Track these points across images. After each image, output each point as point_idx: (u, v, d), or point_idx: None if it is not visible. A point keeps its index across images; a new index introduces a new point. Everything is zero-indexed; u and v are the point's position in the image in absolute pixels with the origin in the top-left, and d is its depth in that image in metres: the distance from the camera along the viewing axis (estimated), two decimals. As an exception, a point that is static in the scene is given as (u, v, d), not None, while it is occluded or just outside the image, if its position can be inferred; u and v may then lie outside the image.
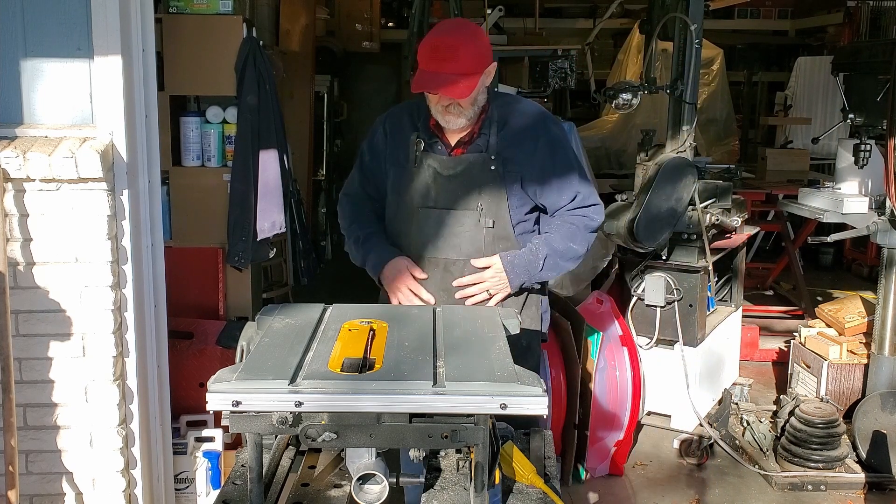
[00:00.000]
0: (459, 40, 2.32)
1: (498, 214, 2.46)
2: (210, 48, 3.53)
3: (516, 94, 2.84)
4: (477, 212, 2.45)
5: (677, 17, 4.30)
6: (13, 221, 2.65)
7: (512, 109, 2.51)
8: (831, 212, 4.73)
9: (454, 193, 2.46)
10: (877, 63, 4.29)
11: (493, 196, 2.45)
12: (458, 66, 2.29)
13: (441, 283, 2.51)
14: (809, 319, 5.20)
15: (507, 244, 2.50)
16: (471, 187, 2.45)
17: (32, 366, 2.72)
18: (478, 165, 2.44)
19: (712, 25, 7.84)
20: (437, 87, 2.31)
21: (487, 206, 2.45)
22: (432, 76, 2.30)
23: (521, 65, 6.71)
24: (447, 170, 2.46)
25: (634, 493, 3.84)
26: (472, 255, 2.48)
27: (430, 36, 2.37)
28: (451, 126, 2.42)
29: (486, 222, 2.45)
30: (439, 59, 2.29)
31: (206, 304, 3.71)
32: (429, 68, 2.31)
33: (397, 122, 2.56)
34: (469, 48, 2.32)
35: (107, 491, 2.83)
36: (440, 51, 2.30)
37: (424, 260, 2.51)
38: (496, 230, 2.47)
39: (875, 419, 4.00)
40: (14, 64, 2.70)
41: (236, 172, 3.55)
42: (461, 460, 1.76)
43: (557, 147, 2.50)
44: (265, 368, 1.59)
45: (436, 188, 2.47)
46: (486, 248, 2.48)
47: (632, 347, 4.07)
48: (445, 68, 2.29)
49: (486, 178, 2.44)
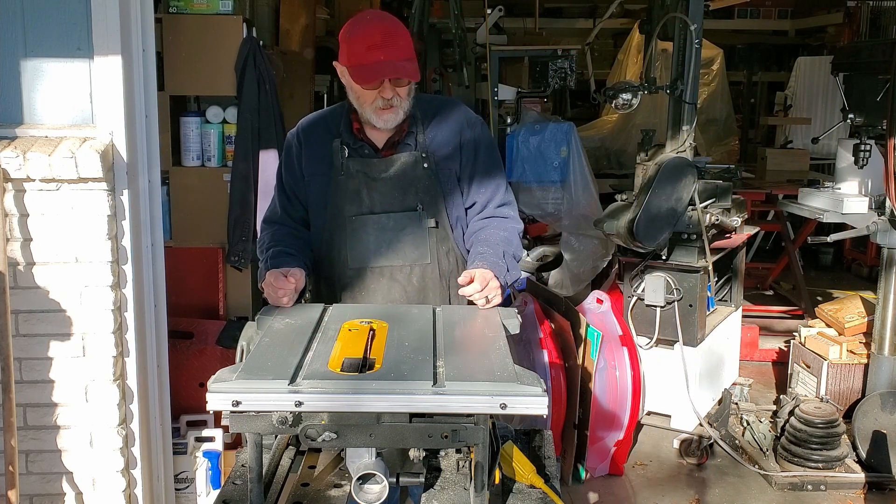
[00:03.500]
0: (396, 26, 2.23)
1: (438, 214, 2.36)
2: (210, 48, 3.53)
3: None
4: (418, 212, 2.34)
5: (677, 17, 4.30)
6: (13, 221, 2.65)
7: (433, 107, 2.43)
8: (831, 212, 4.73)
9: (390, 196, 2.34)
10: (877, 63, 4.29)
11: (431, 195, 2.35)
12: (402, 51, 2.20)
13: (388, 294, 2.36)
14: (809, 319, 5.20)
15: (448, 245, 2.40)
16: (407, 187, 2.34)
17: (32, 366, 2.72)
18: (411, 164, 2.34)
19: (712, 25, 7.86)
20: (395, 72, 2.19)
21: (427, 205, 2.34)
22: (386, 64, 2.18)
23: (521, 65, 6.72)
24: (379, 172, 2.34)
25: (634, 493, 3.84)
26: (416, 259, 2.35)
27: (361, 28, 2.22)
28: (389, 124, 2.30)
29: (429, 222, 2.34)
30: (383, 46, 2.17)
31: (206, 304, 3.71)
32: (380, 57, 2.17)
33: (311, 133, 2.43)
34: (404, 33, 2.24)
35: (107, 491, 2.83)
36: (382, 38, 2.18)
37: (366, 271, 2.36)
38: (439, 230, 2.37)
39: (875, 419, 4.00)
40: (14, 64, 2.70)
41: (236, 172, 3.55)
42: (461, 460, 1.76)
43: (481, 144, 2.42)
44: (265, 368, 1.59)
45: (369, 193, 2.34)
46: (431, 250, 2.36)
47: (632, 347, 4.07)
48: (392, 55, 2.18)
49: (422, 176, 2.34)
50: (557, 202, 5.20)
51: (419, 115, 2.38)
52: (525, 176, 5.20)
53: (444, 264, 2.39)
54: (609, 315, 4.18)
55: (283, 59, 4.72)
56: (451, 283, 2.40)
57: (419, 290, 2.38)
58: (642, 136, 4.50)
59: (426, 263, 2.36)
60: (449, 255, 2.41)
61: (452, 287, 2.41)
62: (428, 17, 6.08)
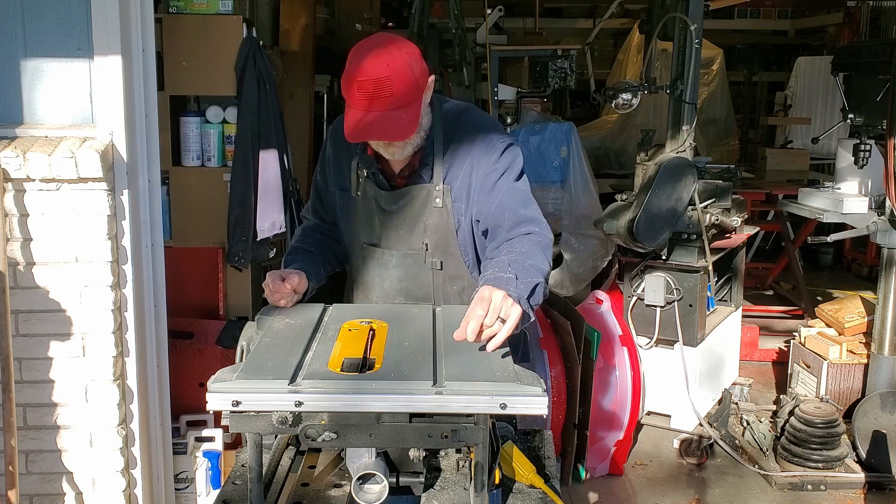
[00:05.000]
0: (389, 69, 1.90)
1: (447, 253, 2.16)
2: (210, 48, 3.53)
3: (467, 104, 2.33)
4: (422, 252, 2.15)
5: (677, 17, 4.30)
6: (13, 221, 2.65)
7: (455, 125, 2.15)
8: (831, 212, 4.73)
9: (396, 231, 2.17)
10: (877, 63, 4.30)
11: (440, 233, 2.14)
12: (395, 100, 1.91)
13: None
14: (809, 319, 5.21)
15: (461, 284, 2.19)
16: (414, 224, 2.14)
17: (32, 366, 2.72)
18: (420, 199, 2.13)
19: (712, 25, 7.86)
20: (377, 134, 1.98)
21: (434, 244, 2.15)
22: (368, 125, 1.93)
23: (521, 65, 6.72)
24: (388, 204, 2.15)
25: (634, 493, 3.84)
26: (421, 299, 2.17)
27: (353, 67, 1.92)
28: (397, 157, 2.10)
29: (434, 263, 2.15)
30: (370, 97, 1.90)
31: (206, 304, 3.71)
32: (360, 109, 1.92)
33: (340, 141, 2.11)
34: (402, 76, 1.92)
35: (107, 491, 2.83)
36: (369, 88, 1.89)
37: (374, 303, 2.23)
38: (445, 271, 2.18)
39: (875, 419, 4.00)
40: (14, 64, 2.70)
41: (236, 172, 3.55)
42: (461, 460, 1.76)
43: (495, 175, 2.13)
44: (265, 368, 1.59)
45: (379, 224, 2.18)
46: (437, 290, 2.18)
47: (632, 347, 4.07)
48: (380, 107, 1.91)
49: (432, 213, 2.13)
50: (557, 202, 5.20)
51: (441, 135, 2.13)
52: (525, 176, 5.20)
53: (455, 303, 2.17)
54: (609, 315, 4.18)
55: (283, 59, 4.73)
56: None
57: None
58: (642, 136, 4.50)
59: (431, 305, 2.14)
60: (463, 294, 2.20)
61: None
62: (428, 17, 6.07)
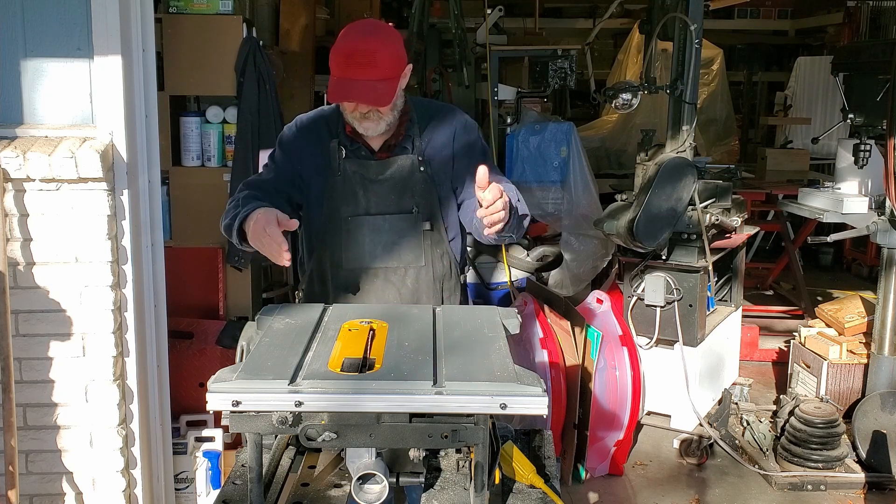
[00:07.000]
0: (376, 44, 2.18)
1: (433, 217, 2.38)
2: (210, 48, 3.54)
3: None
4: (413, 215, 2.36)
5: (677, 17, 4.30)
6: (13, 221, 2.65)
7: (430, 112, 2.44)
8: (831, 212, 4.73)
9: (386, 198, 2.36)
10: (877, 63, 4.30)
11: (426, 198, 2.37)
12: (377, 71, 2.16)
13: (381, 295, 2.38)
14: (809, 319, 5.21)
15: (442, 248, 2.42)
16: (404, 190, 2.36)
17: (32, 366, 2.72)
18: (407, 167, 2.35)
19: (712, 25, 7.87)
20: (356, 97, 2.19)
21: (422, 208, 2.36)
22: (350, 84, 2.17)
23: (521, 65, 6.73)
24: (376, 174, 2.35)
25: (634, 493, 3.84)
26: (411, 262, 2.38)
27: (344, 40, 2.20)
28: (370, 133, 2.32)
29: (424, 225, 2.36)
30: (356, 65, 2.15)
31: (206, 304, 3.71)
32: (345, 75, 2.17)
33: (312, 129, 2.43)
34: (386, 52, 2.19)
35: (107, 491, 2.83)
36: (356, 56, 2.15)
37: (360, 272, 2.38)
38: (433, 233, 2.39)
39: (875, 419, 4.00)
40: (14, 64, 2.71)
41: (236, 172, 3.55)
42: (461, 460, 1.76)
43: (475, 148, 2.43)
44: (265, 368, 1.59)
45: (365, 194, 2.36)
46: (426, 253, 2.39)
47: (632, 347, 4.07)
48: (363, 75, 2.16)
49: (418, 179, 2.36)
50: (557, 202, 5.20)
51: (416, 119, 2.39)
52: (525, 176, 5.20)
53: (437, 267, 2.42)
54: (609, 315, 4.18)
55: (283, 59, 4.72)
56: (445, 286, 2.45)
57: (413, 292, 2.40)
58: (642, 136, 4.50)
59: (420, 266, 2.39)
60: (443, 258, 2.43)
61: (446, 290, 2.46)
62: (428, 17, 6.07)
